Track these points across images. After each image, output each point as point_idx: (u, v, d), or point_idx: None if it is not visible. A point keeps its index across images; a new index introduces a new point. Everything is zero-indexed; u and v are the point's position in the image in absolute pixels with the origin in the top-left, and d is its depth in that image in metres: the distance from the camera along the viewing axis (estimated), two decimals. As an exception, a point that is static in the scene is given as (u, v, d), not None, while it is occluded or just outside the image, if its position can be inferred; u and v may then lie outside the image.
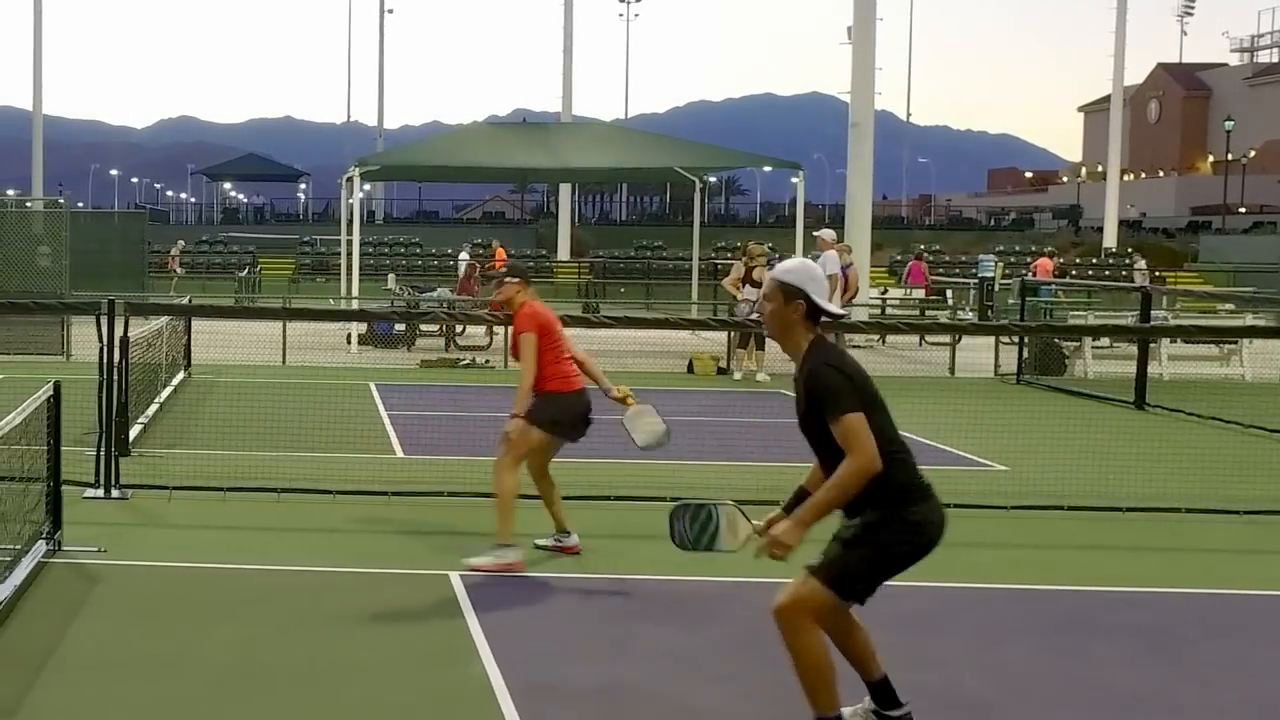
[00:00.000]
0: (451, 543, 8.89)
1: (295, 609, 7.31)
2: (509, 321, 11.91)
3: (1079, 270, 46.34)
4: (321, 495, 10.01)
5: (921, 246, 51.34)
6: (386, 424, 14.30)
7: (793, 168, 23.42)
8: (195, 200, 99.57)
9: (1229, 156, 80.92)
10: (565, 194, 49.35)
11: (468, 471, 10.84)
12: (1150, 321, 17.88)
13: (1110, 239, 51.52)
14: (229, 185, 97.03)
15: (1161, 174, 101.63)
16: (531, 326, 8.31)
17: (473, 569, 7.94)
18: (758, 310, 4.81)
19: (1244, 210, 78.96)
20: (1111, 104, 51.95)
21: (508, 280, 8.64)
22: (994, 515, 9.87)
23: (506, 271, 8.77)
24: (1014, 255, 47.77)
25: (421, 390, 17.38)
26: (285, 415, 12.93)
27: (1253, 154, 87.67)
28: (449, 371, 20.06)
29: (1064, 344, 20.08)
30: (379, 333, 22.64)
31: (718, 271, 37.18)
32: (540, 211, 79.74)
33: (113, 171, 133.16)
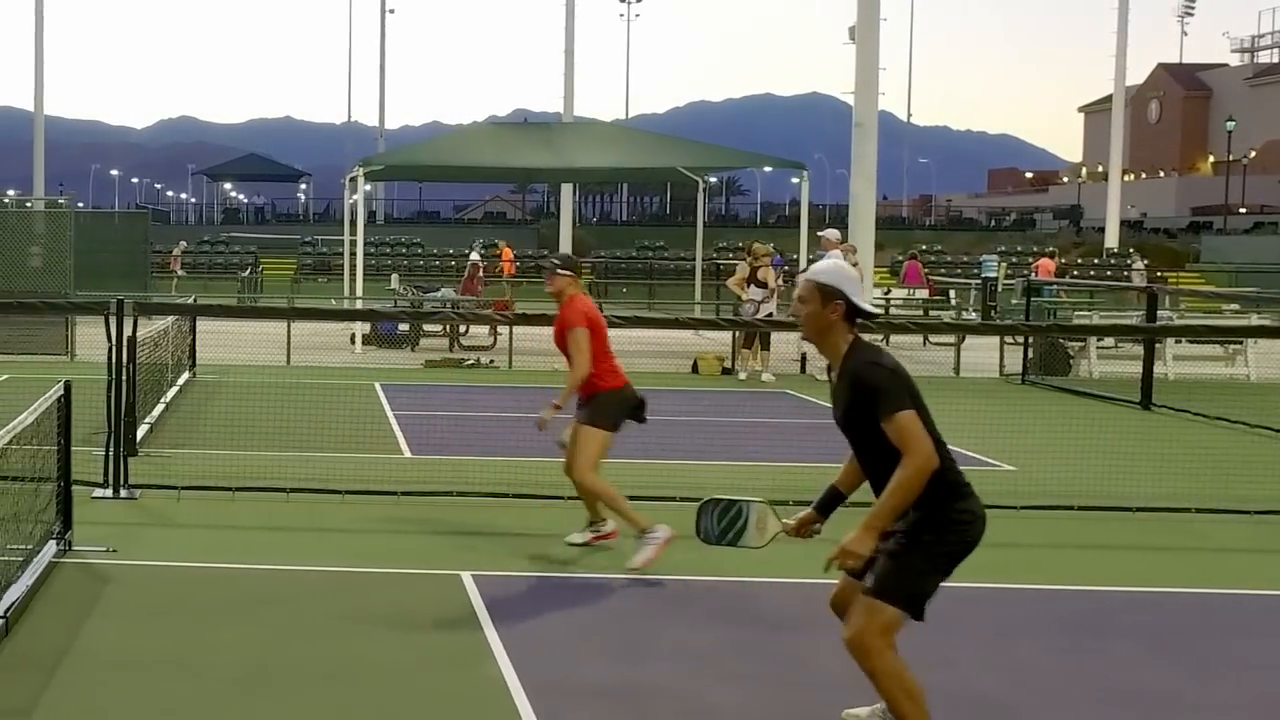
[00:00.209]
0: (463, 542, 8.89)
1: (308, 609, 7.30)
2: (520, 321, 11.97)
3: (1080, 271, 46.37)
4: (331, 495, 10.00)
5: (923, 247, 51.38)
6: (393, 424, 14.30)
7: (797, 168, 23.43)
8: (195, 200, 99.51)
9: (1230, 157, 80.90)
10: (567, 194, 49.14)
11: (477, 471, 10.85)
12: (1156, 321, 17.86)
13: (1112, 239, 51.52)
14: (229, 185, 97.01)
15: (1162, 174, 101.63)
16: (583, 321, 8.15)
17: (640, 566, 7.80)
18: (792, 312, 4.68)
19: (1244, 211, 78.96)
20: (1114, 104, 51.94)
21: (560, 272, 8.37)
22: (1003, 515, 9.81)
23: (560, 263, 8.47)
24: (1015, 256, 47.78)
25: (427, 390, 17.38)
26: (292, 415, 12.91)
27: (1253, 154, 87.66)
28: (454, 371, 20.06)
29: (1069, 344, 20.08)
30: (383, 333, 22.65)
31: (720, 272, 37.21)
32: (540, 212, 79.72)
33: (113, 171, 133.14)
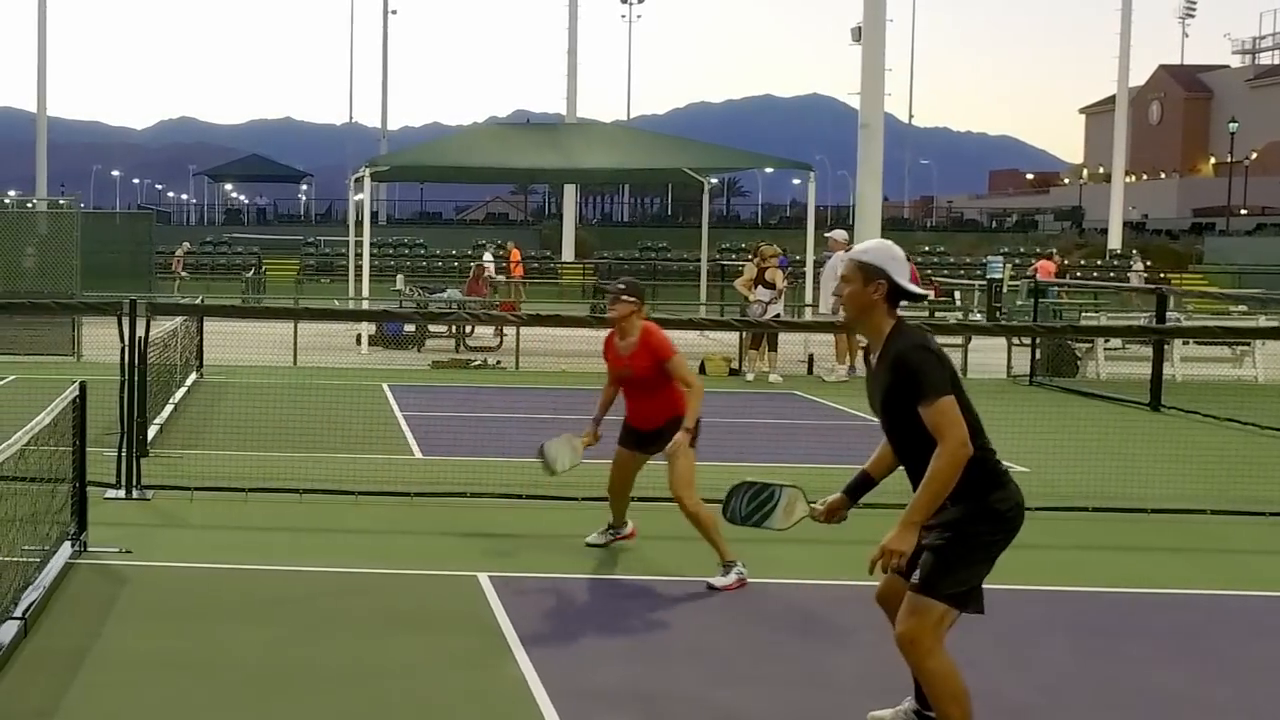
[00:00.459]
0: (478, 544, 8.87)
1: (326, 610, 7.28)
2: (532, 322, 11.93)
3: (1083, 272, 46.35)
4: (343, 496, 9.98)
5: (925, 248, 51.33)
6: (402, 425, 14.27)
7: (803, 169, 23.41)
8: (195, 201, 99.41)
9: (1232, 158, 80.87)
10: (570, 195, 49.24)
11: (488, 473, 10.83)
12: (1165, 323, 17.85)
13: (1115, 241, 51.50)
14: (229, 186, 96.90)
15: (1163, 176, 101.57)
16: (674, 349, 7.91)
17: (720, 588, 7.71)
18: (835, 291, 4.64)
19: (1245, 212, 78.91)
20: (1117, 105, 51.89)
21: (625, 298, 8.02)
22: (1018, 516, 9.82)
23: (625, 288, 8.12)
24: (1018, 257, 47.75)
25: (435, 391, 17.37)
26: (301, 416, 12.90)
27: (1254, 155, 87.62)
28: (461, 372, 20.05)
29: (1076, 345, 20.06)
30: (388, 333, 22.63)
31: (725, 273, 37.19)
32: (541, 213, 79.68)
33: (114, 172, 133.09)
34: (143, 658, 6.38)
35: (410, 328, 22.54)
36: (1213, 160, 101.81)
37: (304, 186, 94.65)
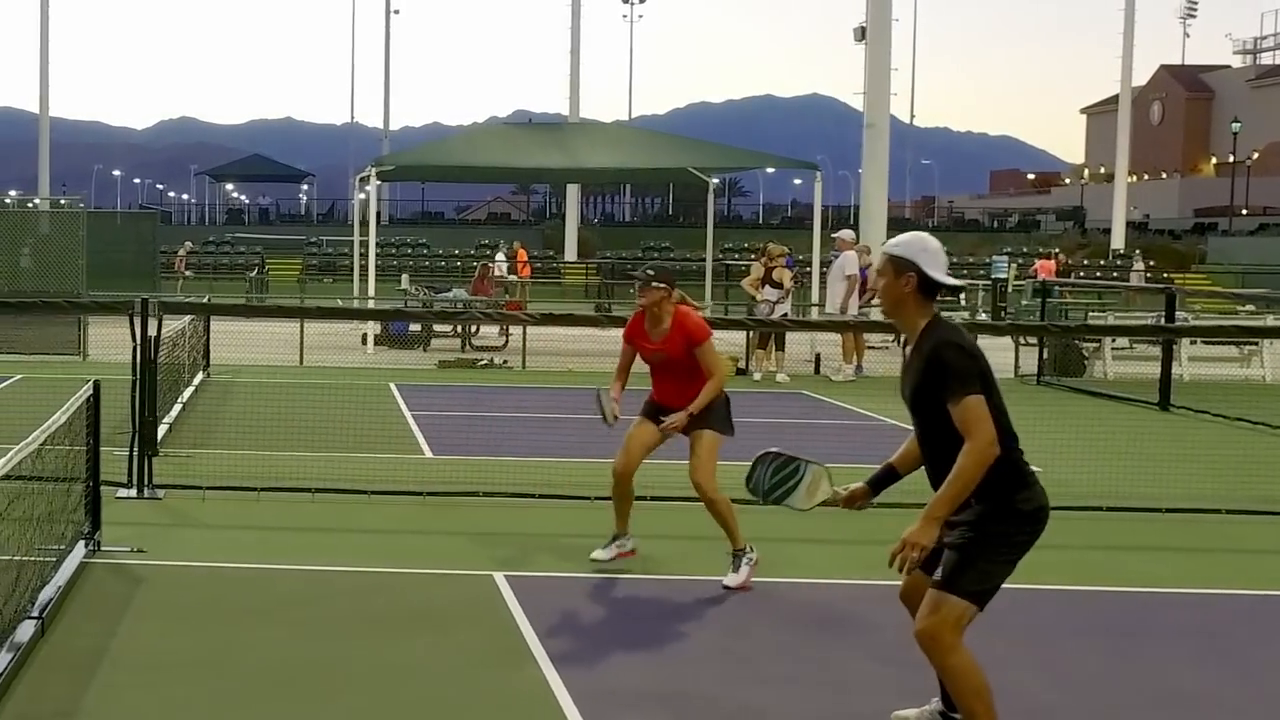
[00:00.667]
0: (492, 543, 8.84)
1: (342, 610, 7.25)
2: (547, 321, 11.89)
3: (1086, 272, 46.34)
4: (356, 495, 9.94)
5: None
6: (411, 424, 14.24)
7: (810, 168, 23.38)
8: (196, 201, 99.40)
9: (1235, 158, 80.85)
10: (572, 195, 49.21)
11: (499, 472, 10.80)
12: (1175, 322, 17.83)
13: (1118, 240, 51.49)
14: (230, 186, 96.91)
15: (1164, 176, 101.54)
16: (709, 333, 7.79)
17: (735, 586, 7.62)
18: (871, 285, 4.60)
19: (1246, 212, 78.92)
20: (1119, 105, 51.90)
21: (656, 285, 7.79)
22: (1033, 516, 9.79)
23: (655, 274, 7.87)
24: (1021, 257, 47.74)
25: (442, 391, 17.34)
26: (310, 415, 12.88)
27: (1256, 156, 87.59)
28: (468, 372, 20.02)
29: (1083, 345, 20.04)
30: (394, 333, 22.60)
31: (729, 273, 37.15)
32: (542, 213, 79.68)
33: (115, 172, 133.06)
34: (161, 657, 6.35)
35: (416, 327, 22.52)
36: (1214, 160, 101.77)
37: (305, 186, 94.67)
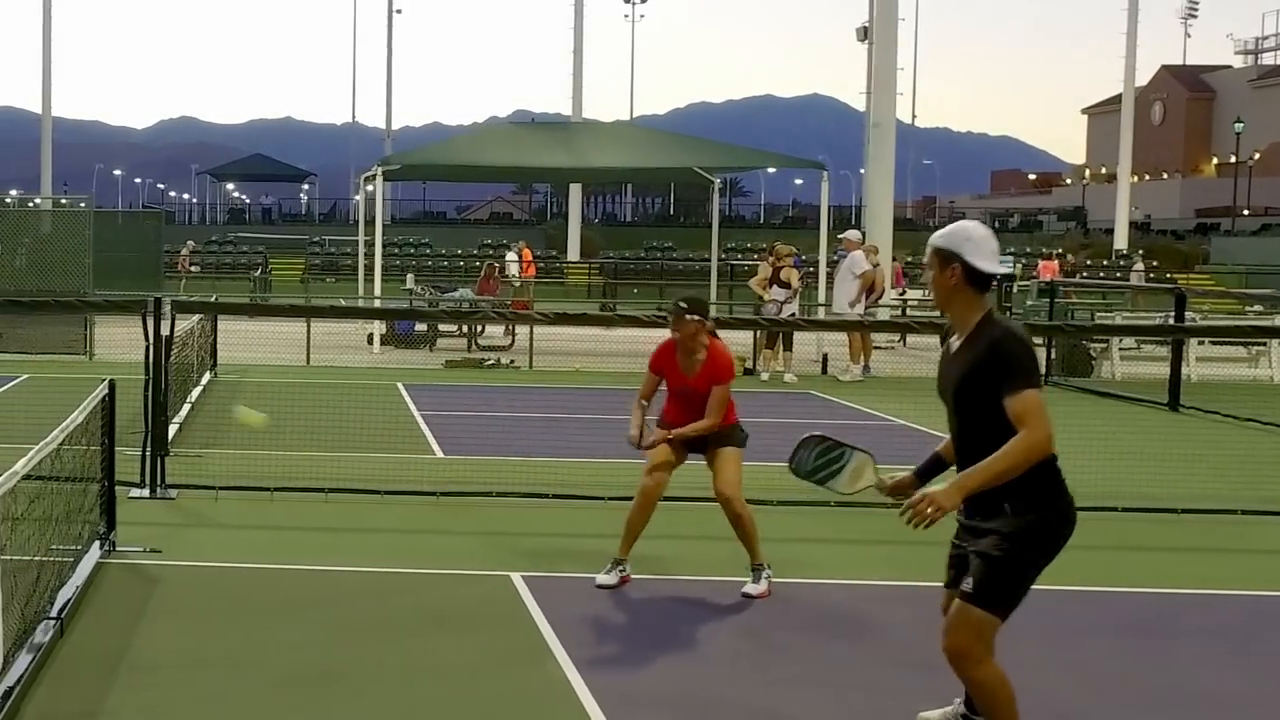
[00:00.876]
0: (508, 543, 8.81)
1: (361, 610, 7.21)
2: (560, 320, 11.85)
3: (1089, 272, 46.31)
4: (369, 495, 9.91)
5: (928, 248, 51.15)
6: (421, 424, 14.21)
7: (817, 167, 23.35)
8: (197, 201, 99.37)
9: (1238, 158, 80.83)
10: (576, 194, 49.14)
11: (511, 472, 10.78)
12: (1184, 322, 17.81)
13: (1121, 241, 51.46)
14: (231, 186, 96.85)
15: (1165, 176, 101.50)
16: (732, 374, 7.69)
17: (756, 595, 7.56)
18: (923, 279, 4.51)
19: (1247, 213, 78.89)
20: (1122, 105, 51.84)
21: (689, 316, 7.62)
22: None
23: (688, 306, 7.66)
24: (1024, 257, 47.70)
25: (450, 390, 17.32)
26: (320, 415, 12.85)
27: (1257, 156, 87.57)
28: (475, 372, 19.99)
29: (1091, 345, 20.01)
30: (400, 333, 22.57)
31: (733, 272, 37.10)
32: (543, 212, 79.65)
33: (116, 171, 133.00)
34: (181, 658, 6.32)
35: (422, 327, 22.49)
36: (1215, 161, 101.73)
37: (305, 186, 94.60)
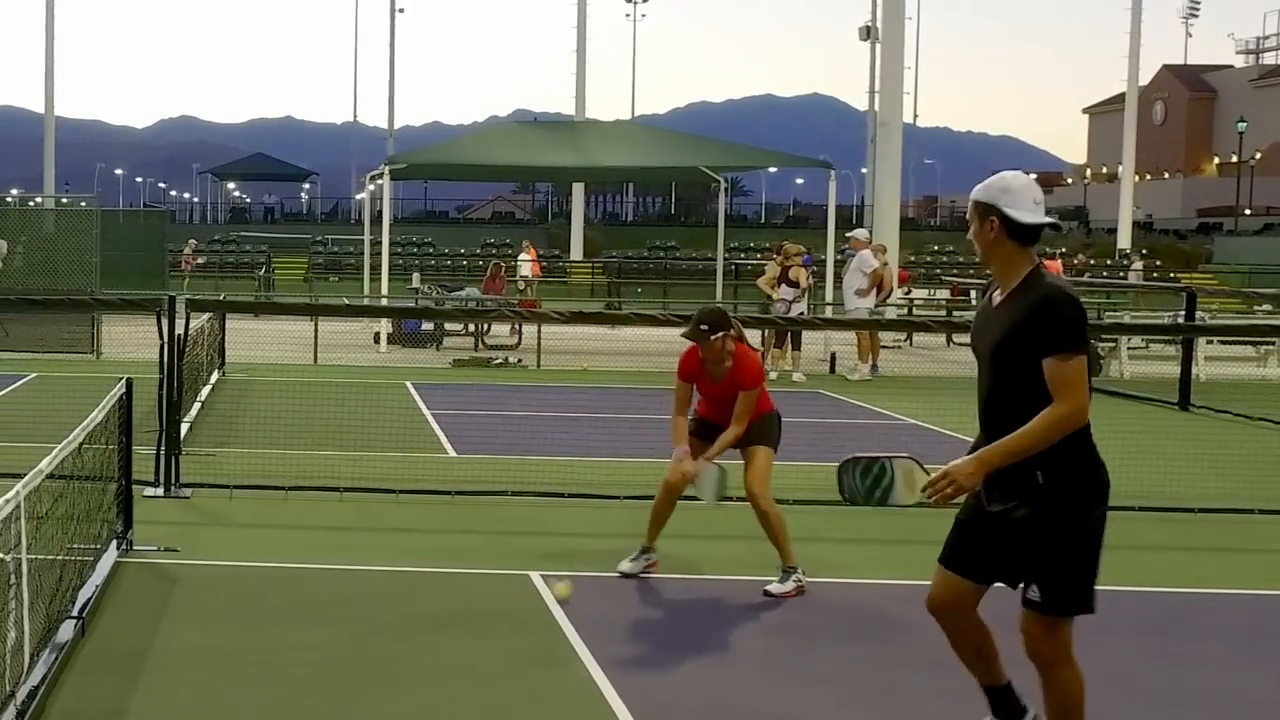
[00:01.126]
0: (524, 542, 8.79)
1: (382, 609, 7.19)
2: (577, 319, 11.83)
3: (1093, 272, 46.28)
4: (384, 495, 9.89)
5: (935, 247, 51.26)
6: (432, 423, 14.19)
7: (824, 166, 23.36)
8: (198, 200, 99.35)
9: (1240, 158, 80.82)
10: (579, 193, 49.10)
11: (525, 471, 10.77)
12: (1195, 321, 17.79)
13: (1124, 240, 51.45)
14: (232, 185, 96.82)
15: (1166, 176, 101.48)
16: (760, 381, 7.64)
17: (779, 595, 7.54)
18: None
19: (1249, 212, 78.88)
20: (1126, 105, 51.82)
21: (713, 339, 7.46)
22: (1065, 516, 9.73)
23: (710, 326, 7.48)
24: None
25: (459, 389, 17.30)
26: (331, 414, 12.84)
27: (1259, 156, 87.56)
28: (483, 371, 19.97)
29: (1099, 344, 19.97)
30: (406, 332, 22.55)
31: (738, 272, 37.10)
32: (544, 211, 79.62)
33: (117, 171, 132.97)
34: (203, 658, 6.29)
35: (428, 326, 22.47)
36: (1216, 160, 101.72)
37: (306, 185, 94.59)
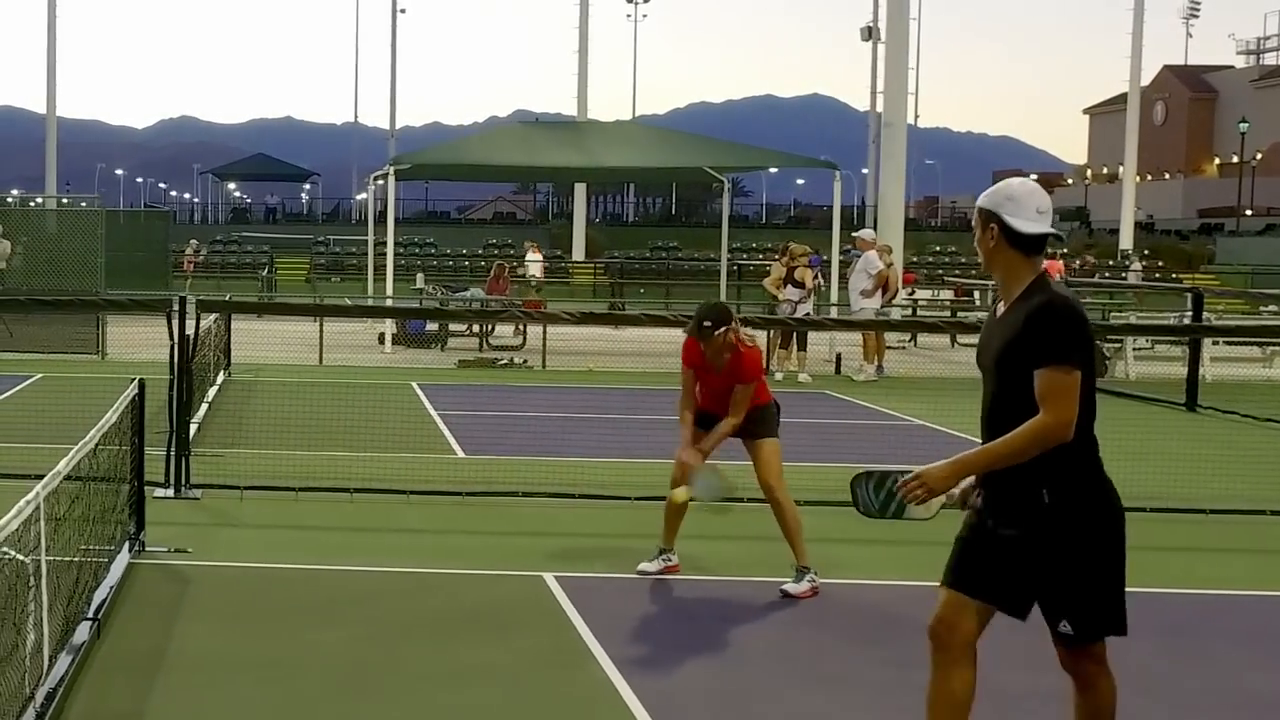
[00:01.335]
0: (537, 543, 8.78)
1: (397, 610, 7.18)
2: (587, 320, 11.81)
3: (1097, 273, 46.24)
4: (394, 495, 9.87)
5: (937, 248, 51.23)
6: (439, 424, 14.16)
7: (829, 167, 23.33)
8: (199, 200, 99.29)
9: (1241, 158, 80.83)
10: (580, 194, 49.06)
11: (534, 471, 10.75)
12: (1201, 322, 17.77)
13: (1126, 241, 51.44)
14: (233, 185, 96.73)
15: (1167, 176, 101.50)
16: (759, 374, 7.70)
17: (795, 595, 7.54)
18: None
19: (1250, 213, 78.89)
20: (1128, 105, 51.83)
21: (716, 334, 7.46)
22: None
23: (712, 323, 7.47)
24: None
25: (465, 390, 17.28)
26: (338, 415, 12.81)
27: (1259, 156, 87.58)
28: (488, 371, 19.94)
29: (1105, 345, 19.95)
30: (411, 332, 22.51)
31: (740, 272, 37.05)
32: (545, 212, 79.60)
33: (118, 171, 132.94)
34: (219, 659, 6.28)
35: (433, 326, 22.44)
36: (1217, 161, 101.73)
37: (307, 186, 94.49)
